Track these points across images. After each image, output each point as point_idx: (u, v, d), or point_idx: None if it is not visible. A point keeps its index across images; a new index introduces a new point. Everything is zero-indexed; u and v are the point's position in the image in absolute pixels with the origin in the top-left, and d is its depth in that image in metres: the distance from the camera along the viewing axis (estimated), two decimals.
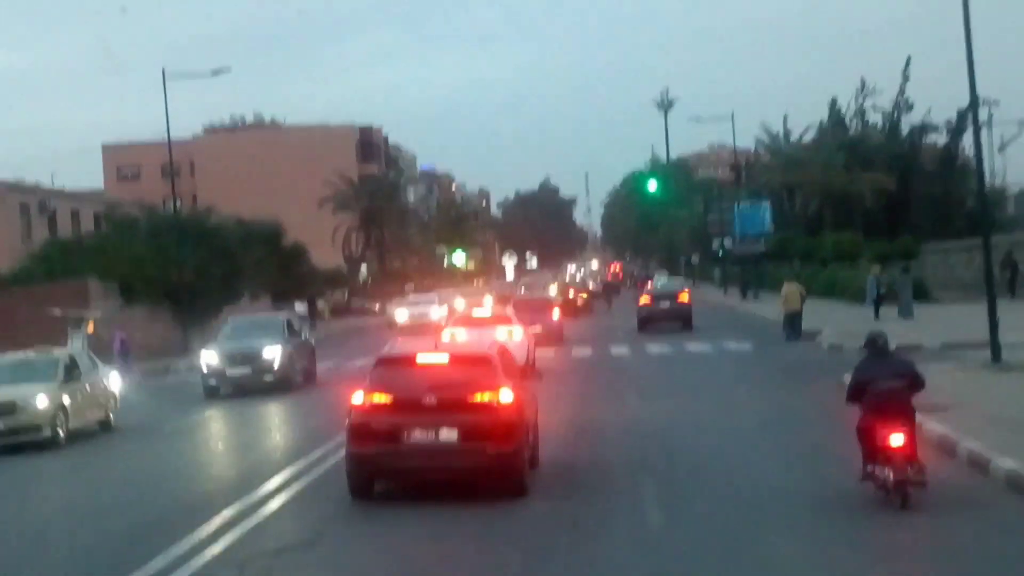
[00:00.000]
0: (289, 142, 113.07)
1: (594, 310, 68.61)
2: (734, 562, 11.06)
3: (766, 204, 71.23)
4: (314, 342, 32.78)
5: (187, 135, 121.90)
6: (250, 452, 20.37)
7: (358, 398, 13.93)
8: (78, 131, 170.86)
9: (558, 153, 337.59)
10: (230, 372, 28.87)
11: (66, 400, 21.75)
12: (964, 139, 68.84)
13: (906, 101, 71.83)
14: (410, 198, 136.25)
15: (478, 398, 13.73)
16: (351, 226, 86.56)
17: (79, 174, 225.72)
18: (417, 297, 64.42)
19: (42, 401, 21.08)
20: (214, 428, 24.99)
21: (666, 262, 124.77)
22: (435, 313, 55.74)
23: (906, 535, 11.86)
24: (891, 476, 12.35)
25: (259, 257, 60.58)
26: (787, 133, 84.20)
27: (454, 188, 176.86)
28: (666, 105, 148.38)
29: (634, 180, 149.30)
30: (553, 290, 62.28)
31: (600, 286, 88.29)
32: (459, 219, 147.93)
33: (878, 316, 39.70)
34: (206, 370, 29.07)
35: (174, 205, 47.62)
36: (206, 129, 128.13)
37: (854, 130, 77.37)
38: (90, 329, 34.03)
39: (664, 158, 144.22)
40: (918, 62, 79.14)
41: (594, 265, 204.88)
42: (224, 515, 13.87)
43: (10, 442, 20.81)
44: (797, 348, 34.39)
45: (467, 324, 31.49)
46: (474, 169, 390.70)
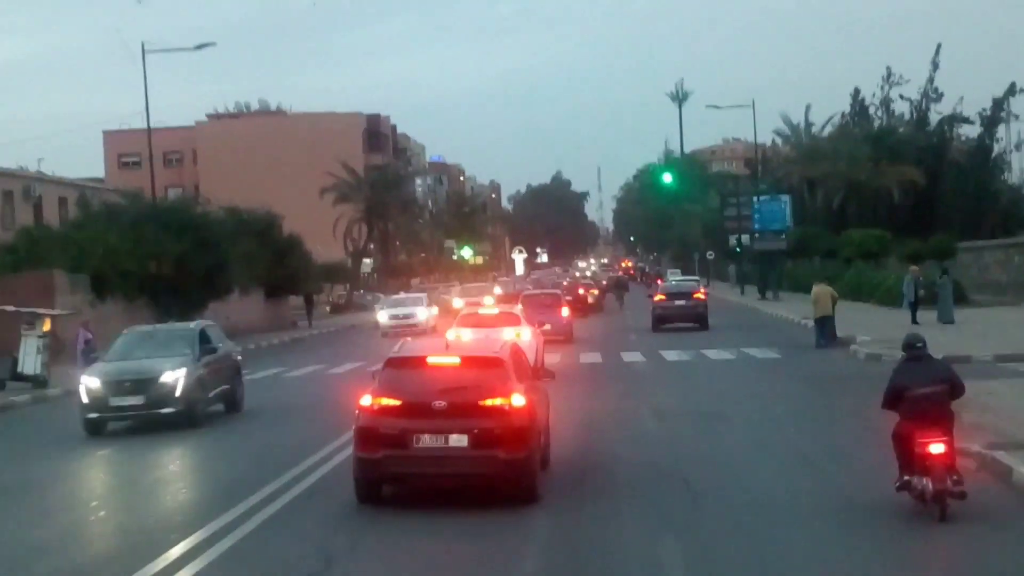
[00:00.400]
0: (295, 130, 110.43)
1: (604, 308, 65.91)
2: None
3: (786, 198, 67.68)
4: (239, 358, 25.71)
5: (191, 123, 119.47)
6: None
7: (366, 400, 13.61)
8: (85, 118, 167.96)
9: (571, 147, 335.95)
10: (115, 401, 21.66)
11: None
12: (999, 131, 65.12)
13: (936, 90, 68.17)
14: (418, 190, 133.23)
15: (489, 402, 13.38)
16: (353, 218, 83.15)
17: (82, 162, 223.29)
18: (402, 296, 58.63)
19: None
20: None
21: (679, 258, 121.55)
22: (422, 315, 50.62)
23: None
24: (930, 486, 11.90)
25: (250, 249, 57.33)
26: (808, 124, 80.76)
27: (464, 180, 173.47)
28: (681, 97, 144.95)
29: (648, 173, 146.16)
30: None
31: (609, 282, 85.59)
32: (468, 212, 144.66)
33: (916, 320, 36.23)
34: (86, 399, 21.81)
35: (152, 192, 44.19)
36: (209, 116, 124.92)
37: (879, 121, 73.84)
38: (46, 327, 30.62)
39: (678, 151, 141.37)
40: (948, 51, 75.07)
41: (602, 261, 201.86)
42: None
43: None
44: (830, 357, 30.94)
45: (473, 324, 29.80)
46: (486, 162, 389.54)
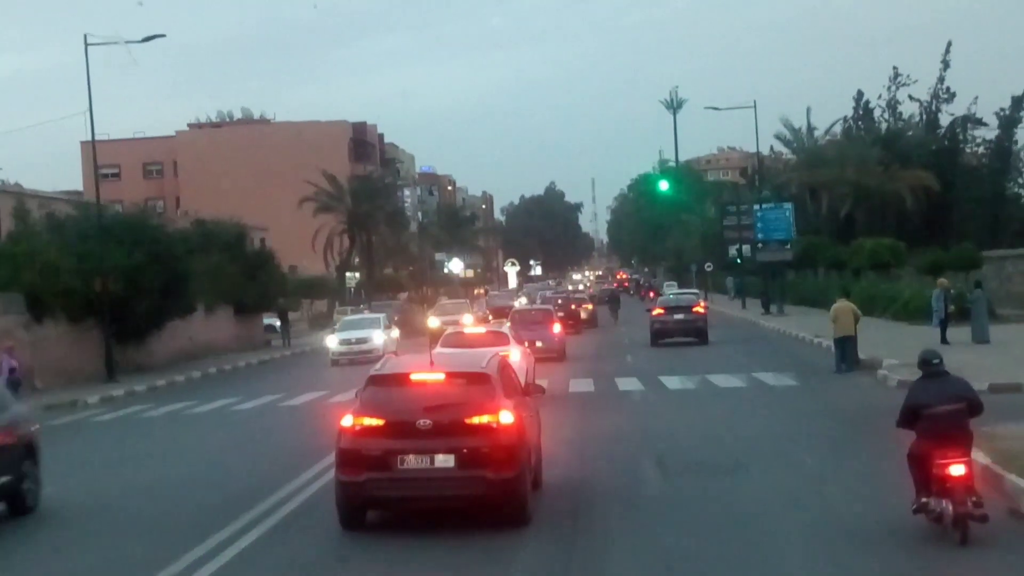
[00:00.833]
0: (278, 139, 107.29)
1: (598, 323, 62.22)
2: None
3: (788, 206, 63.72)
4: (36, 428, 16.97)
5: (172, 133, 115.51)
6: None
7: (348, 421, 13.02)
8: (71, 131, 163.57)
9: (565, 158, 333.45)
10: None
11: None
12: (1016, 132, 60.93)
13: (947, 90, 64.06)
14: (407, 201, 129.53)
15: (476, 420, 12.82)
16: (335, 229, 79.13)
17: (62, 175, 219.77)
18: (356, 317, 50.90)
19: None
20: None
21: (675, 270, 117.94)
22: (378, 339, 43.52)
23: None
24: (950, 509, 11.41)
25: (217, 263, 53.45)
26: (811, 128, 76.84)
27: (454, 190, 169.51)
28: (675, 105, 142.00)
29: (642, 183, 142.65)
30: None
31: (600, 295, 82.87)
32: (459, 223, 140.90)
33: (946, 340, 32.32)
34: None
35: (97, 201, 40.07)
36: (191, 125, 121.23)
37: (886, 124, 69.90)
38: None
39: (673, 161, 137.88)
40: (960, 50, 70.79)
41: (597, 273, 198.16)
42: None
43: None
44: (856, 384, 26.91)
45: (457, 344, 27.08)
46: (480, 174, 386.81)
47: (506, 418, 12.84)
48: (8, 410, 16.15)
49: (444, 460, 12.59)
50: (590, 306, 66.20)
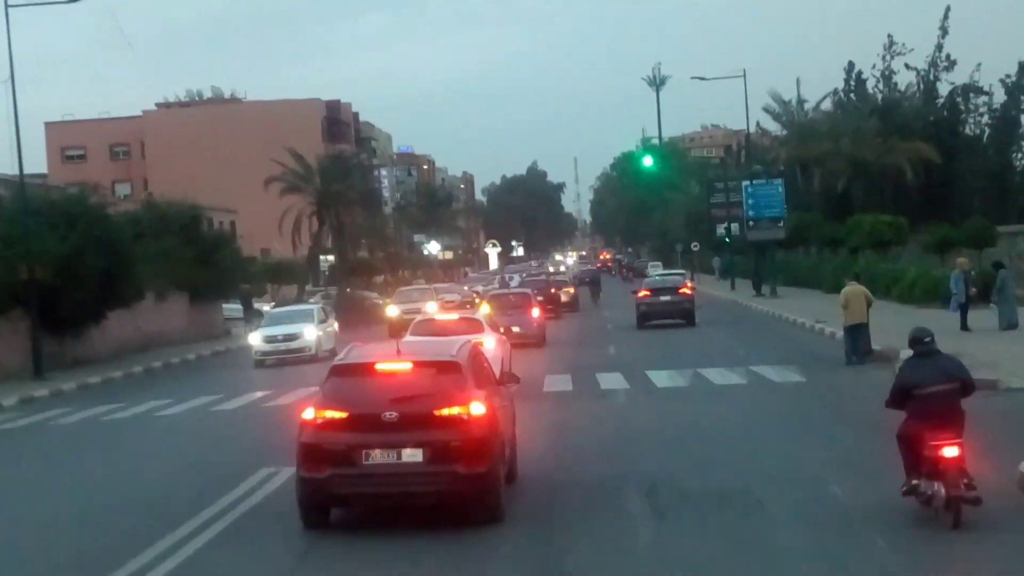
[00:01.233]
0: (250, 119, 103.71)
1: (579, 307, 59.27)
2: None
3: (780, 182, 60.34)
4: None
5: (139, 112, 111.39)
6: None
7: (309, 413, 12.25)
8: (32, 113, 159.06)
9: (547, 138, 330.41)
10: None
11: None
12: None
13: (947, 57, 60.35)
14: (384, 181, 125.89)
15: (446, 412, 12.09)
16: (302, 211, 75.31)
17: (27, 158, 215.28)
18: (285, 310, 42.48)
19: None
20: None
21: (660, 250, 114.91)
22: (309, 335, 36.78)
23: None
24: (942, 491, 11.07)
25: (169, 247, 49.70)
26: (801, 101, 73.29)
27: (431, 170, 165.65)
28: (658, 82, 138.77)
29: (625, 160, 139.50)
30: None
31: (580, 276, 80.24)
32: (437, 204, 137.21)
33: (967, 326, 28.90)
34: None
35: (20, 182, 36.28)
36: (159, 105, 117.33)
37: (880, 95, 66.33)
38: None
39: (656, 138, 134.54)
40: (959, 15, 66.20)
41: (581, 253, 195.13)
42: None
43: None
44: (872, 379, 23.10)
45: (428, 333, 25.22)
46: (462, 155, 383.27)
47: (477, 409, 12.17)
48: None
49: (412, 454, 11.94)
50: (571, 289, 63.25)
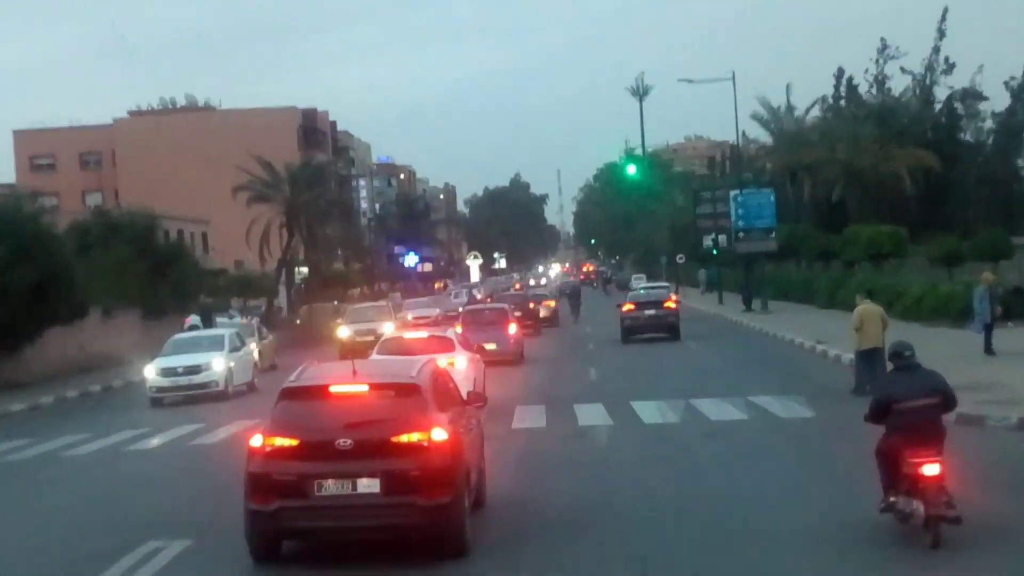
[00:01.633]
0: (224, 127, 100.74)
1: (559, 322, 56.32)
2: None
3: (769, 191, 57.37)
4: None
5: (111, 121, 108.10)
6: None
7: (257, 441, 11.48)
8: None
9: (530, 150, 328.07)
10: None
11: None
12: None
13: (946, 60, 57.43)
14: (362, 191, 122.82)
15: (404, 438, 11.34)
16: (271, 221, 71.99)
17: None
18: (186, 335, 34.90)
19: None
20: None
21: (643, 262, 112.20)
22: (218, 366, 30.42)
23: None
24: (921, 510, 10.74)
25: (121, 258, 46.40)
26: (791, 107, 70.34)
27: (409, 180, 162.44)
28: (641, 91, 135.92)
29: (609, 171, 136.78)
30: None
31: (560, 288, 77.50)
32: (416, 215, 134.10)
33: (991, 348, 25.79)
34: None
35: None
36: (131, 113, 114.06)
37: (874, 101, 63.43)
38: None
39: (639, 149, 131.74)
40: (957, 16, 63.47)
41: (557, 269, 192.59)
42: None
43: None
44: None
45: (395, 351, 23.16)
46: (445, 167, 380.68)
47: (439, 435, 11.44)
48: None
49: (368, 485, 11.16)
50: (552, 303, 60.21)
